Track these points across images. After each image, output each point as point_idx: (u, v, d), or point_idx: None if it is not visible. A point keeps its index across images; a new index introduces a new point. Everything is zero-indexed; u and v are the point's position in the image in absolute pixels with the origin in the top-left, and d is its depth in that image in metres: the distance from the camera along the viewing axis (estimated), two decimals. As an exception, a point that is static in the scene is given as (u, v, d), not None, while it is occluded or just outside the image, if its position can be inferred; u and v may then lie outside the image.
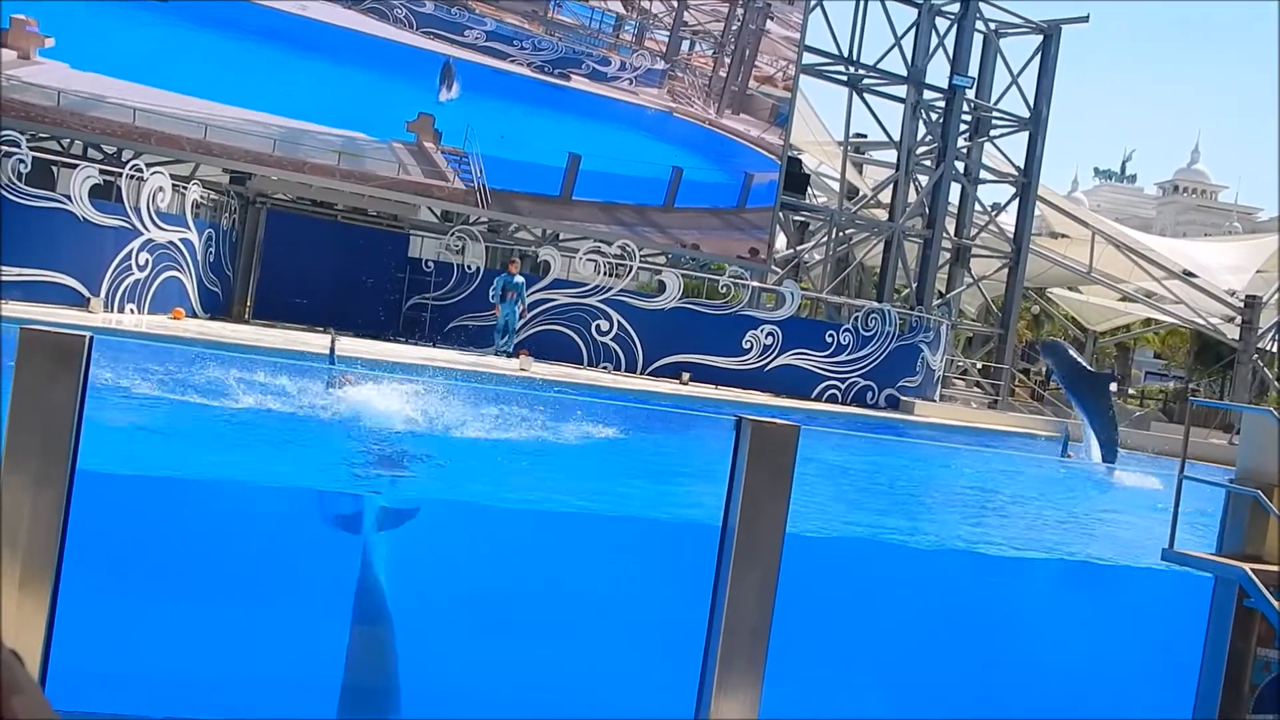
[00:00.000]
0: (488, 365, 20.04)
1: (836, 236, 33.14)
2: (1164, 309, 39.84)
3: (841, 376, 25.74)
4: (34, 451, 3.39)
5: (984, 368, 35.09)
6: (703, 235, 28.04)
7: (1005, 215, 36.13)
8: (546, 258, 24.60)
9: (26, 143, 18.76)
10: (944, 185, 32.66)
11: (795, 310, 25.94)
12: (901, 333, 26.78)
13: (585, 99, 26.61)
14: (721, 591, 3.87)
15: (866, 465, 13.48)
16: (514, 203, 26.05)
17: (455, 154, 25.12)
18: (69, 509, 3.43)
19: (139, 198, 19.36)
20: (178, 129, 22.51)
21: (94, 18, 21.60)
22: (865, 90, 32.52)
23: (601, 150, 26.65)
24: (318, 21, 23.79)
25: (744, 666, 3.84)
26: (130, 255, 19.16)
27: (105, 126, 22.06)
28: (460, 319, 23.98)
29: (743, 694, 3.82)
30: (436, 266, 24.49)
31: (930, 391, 27.93)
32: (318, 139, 23.85)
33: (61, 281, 18.36)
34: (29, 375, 3.39)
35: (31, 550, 3.40)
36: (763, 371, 24.82)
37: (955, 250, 34.05)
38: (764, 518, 3.86)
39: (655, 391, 21.12)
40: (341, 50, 24.08)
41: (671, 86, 27.60)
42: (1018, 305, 35.54)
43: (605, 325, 23.88)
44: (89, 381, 3.44)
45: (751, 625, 3.83)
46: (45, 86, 21.41)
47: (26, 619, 3.35)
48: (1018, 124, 34.17)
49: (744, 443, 3.80)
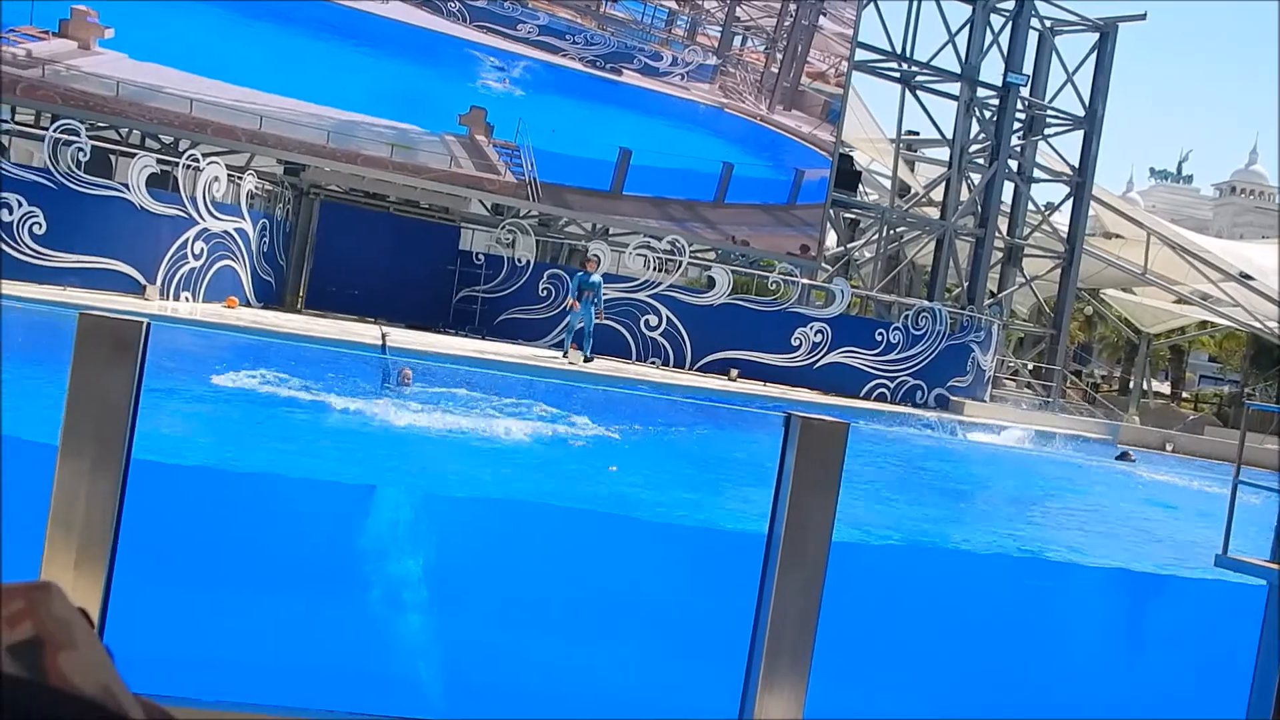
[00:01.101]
0: (535, 359, 20.09)
1: (887, 234, 32.96)
2: (1220, 311, 39.29)
3: (891, 375, 25.61)
4: (90, 437, 3.43)
5: (1035, 368, 34.78)
6: (753, 231, 27.97)
7: (1059, 215, 35.76)
8: (596, 252, 24.63)
9: (86, 132, 19.01)
10: (997, 184, 32.39)
11: (845, 308, 25.82)
12: (952, 332, 26.60)
13: (637, 94, 26.61)
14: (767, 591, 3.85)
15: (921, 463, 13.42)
16: (564, 196, 26.10)
17: (507, 147, 25.21)
18: (124, 495, 3.48)
19: (195, 187, 19.58)
20: (234, 120, 22.74)
21: (153, 9, 21.84)
22: (918, 87, 32.30)
23: (652, 145, 26.65)
24: (372, 15, 23.95)
25: (789, 667, 3.82)
26: (186, 244, 19.38)
27: (163, 116, 22.31)
28: (510, 312, 24.07)
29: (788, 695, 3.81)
30: (487, 259, 24.59)
31: (980, 392, 27.72)
32: (371, 131, 24.01)
33: (118, 269, 18.59)
34: (87, 361, 3.43)
35: (87, 535, 3.44)
36: (811, 369, 24.73)
37: (1008, 249, 33.77)
38: (812, 516, 3.84)
39: (703, 387, 21.09)
40: (395, 43, 24.22)
41: (723, 82, 27.54)
42: (1070, 306, 35.20)
43: (654, 320, 23.88)
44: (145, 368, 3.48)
45: (797, 625, 3.81)
46: (105, 76, 21.68)
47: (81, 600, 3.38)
48: (1072, 122, 33.82)
49: (793, 440, 3.78)
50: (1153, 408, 44.21)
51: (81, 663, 0.60)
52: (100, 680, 0.60)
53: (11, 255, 17.52)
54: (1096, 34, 33.63)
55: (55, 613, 0.62)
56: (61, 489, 3.40)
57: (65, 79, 21.42)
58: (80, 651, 0.60)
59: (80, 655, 0.60)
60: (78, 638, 0.62)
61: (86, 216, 18.19)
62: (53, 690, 0.58)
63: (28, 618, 0.61)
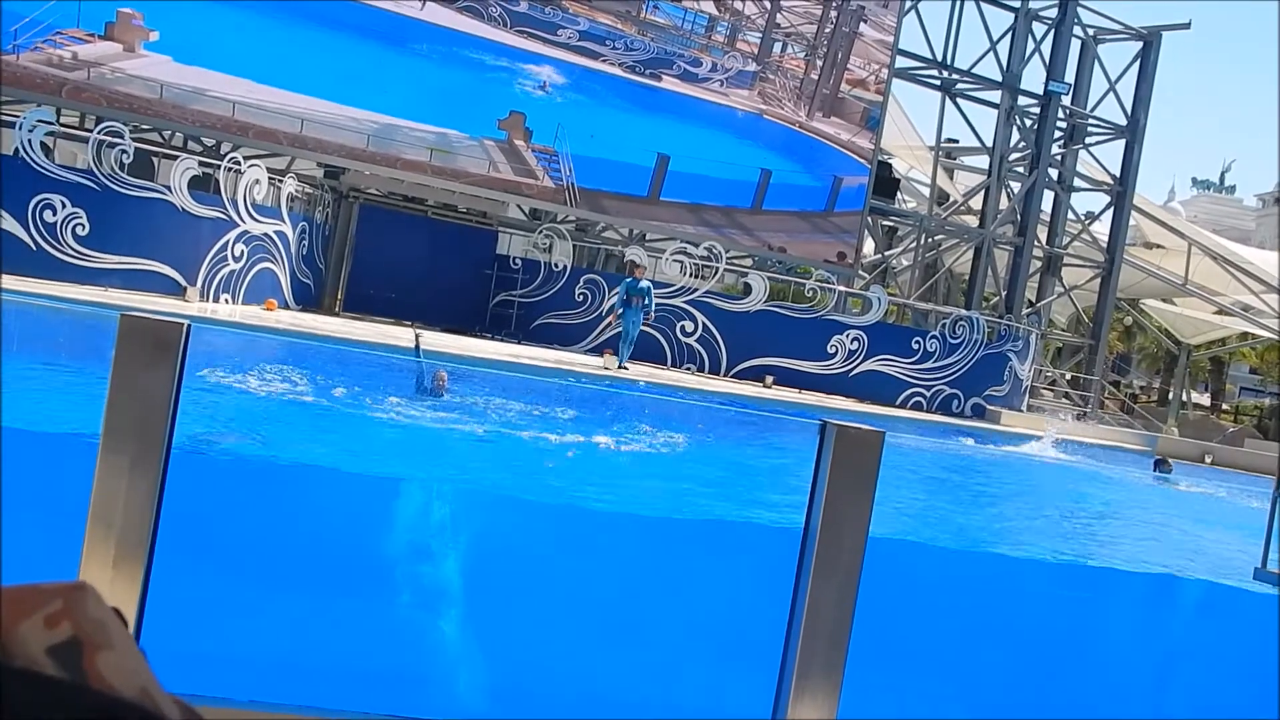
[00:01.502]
0: (570, 363, 20.13)
1: (926, 242, 32.82)
2: (1261, 323, 38.89)
3: (927, 384, 25.49)
4: (130, 436, 3.46)
5: (1073, 379, 34.53)
6: (790, 238, 27.91)
7: (1099, 224, 35.53)
8: (633, 258, 24.65)
9: (129, 134, 19.19)
10: (1037, 192, 32.21)
11: (881, 316, 25.72)
12: (989, 341, 26.45)
13: (676, 100, 26.63)
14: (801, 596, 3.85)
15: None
16: (602, 202, 26.14)
17: (545, 152, 25.27)
18: (163, 493, 3.51)
19: (236, 190, 19.73)
20: (275, 123, 22.91)
21: (198, 12, 22.04)
22: (958, 95, 32.17)
23: (690, 151, 26.65)
24: (413, 19, 24.08)
25: (823, 671, 3.82)
26: (226, 246, 19.53)
27: (205, 119, 22.51)
28: (546, 316, 24.12)
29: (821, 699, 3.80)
30: (524, 264, 24.66)
31: (1017, 401, 27.56)
32: (410, 135, 24.13)
33: (159, 270, 18.76)
34: (128, 362, 3.47)
35: (125, 533, 3.48)
36: (847, 377, 24.65)
37: (1047, 259, 33.56)
38: (846, 523, 3.84)
39: (739, 394, 21.06)
40: (436, 48, 24.35)
41: (762, 88, 27.52)
42: (1110, 316, 34.94)
43: (690, 326, 23.88)
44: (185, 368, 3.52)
45: (831, 630, 3.81)
46: (149, 79, 21.89)
47: (119, 600, 3.43)
48: (1114, 131, 33.60)
49: (828, 447, 3.78)
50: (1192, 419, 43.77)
51: (119, 664, 0.60)
52: (138, 682, 0.61)
53: (54, 256, 17.72)
54: (1140, 43, 33.40)
55: (92, 613, 0.63)
56: (101, 488, 3.44)
57: (110, 81, 21.65)
58: (117, 652, 0.61)
59: (117, 656, 0.61)
60: (115, 639, 0.63)
61: (128, 218, 18.37)
62: (93, 692, 0.58)
63: (66, 618, 0.62)
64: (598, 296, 23.91)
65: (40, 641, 0.61)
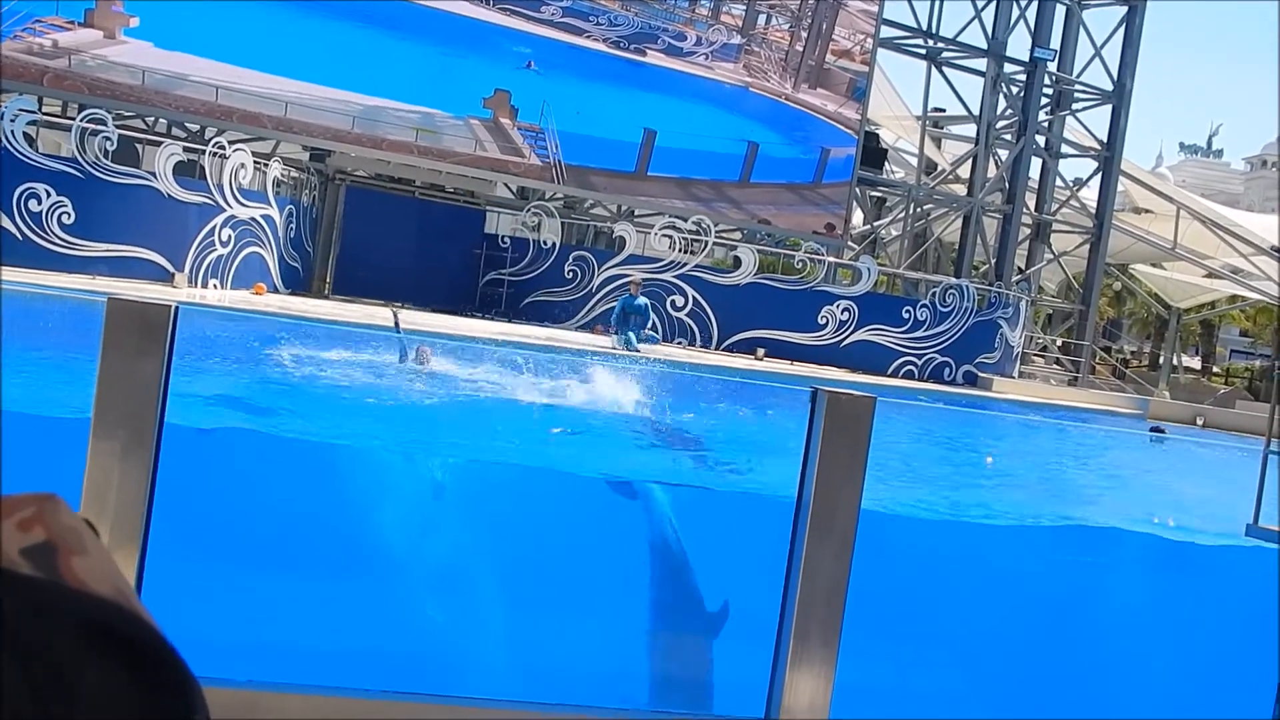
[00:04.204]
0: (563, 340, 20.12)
1: (914, 212, 32.81)
2: (1251, 285, 38.94)
3: (918, 352, 25.53)
4: (121, 421, 3.45)
5: (1064, 345, 34.59)
6: (779, 210, 27.88)
7: (1087, 190, 35.51)
8: (622, 233, 24.61)
9: (112, 121, 19.10)
10: (1024, 160, 32.18)
11: (872, 286, 25.75)
12: (980, 309, 26.48)
13: (661, 74, 26.55)
14: (796, 564, 3.86)
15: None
16: (589, 178, 26.08)
17: (531, 130, 25.20)
18: (156, 476, 3.51)
19: (222, 175, 19.66)
20: (259, 107, 22.81)
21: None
22: (944, 64, 32.10)
23: (677, 125, 26.58)
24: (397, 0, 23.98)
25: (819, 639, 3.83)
26: (213, 231, 19.48)
27: (188, 104, 22.41)
28: (536, 294, 24.11)
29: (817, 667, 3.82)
30: (513, 242, 24.62)
31: (1009, 368, 27.61)
32: (396, 116, 24.04)
33: (147, 257, 18.71)
34: (117, 345, 3.46)
35: (119, 517, 3.47)
36: (838, 347, 24.68)
37: (1035, 226, 33.55)
38: (840, 490, 3.84)
39: (730, 367, 21.07)
40: (419, 27, 24.23)
41: (748, 61, 27.43)
42: (1099, 282, 34.98)
43: (680, 301, 23.87)
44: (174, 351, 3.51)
45: (827, 597, 3.82)
46: (130, 65, 21.77)
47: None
48: (1101, 97, 33.55)
49: (819, 414, 3.78)
50: (1183, 383, 43.91)
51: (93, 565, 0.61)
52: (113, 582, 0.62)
53: (41, 245, 17.65)
54: (1125, 7, 33.32)
55: (64, 520, 0.65)
56: (94, 471, 3.43)
57: (91, 68, 21.53)
58: (90, 556, 0.62)
59: (91, 560, 0.62)
60: (87, 544, 0.63)
61: (114, 205, 18.31)
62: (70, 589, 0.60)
63: (38, 524, 0.64)
64: (587, 273, 23.89)
65: (14, 543, 0.62)
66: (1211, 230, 36.43)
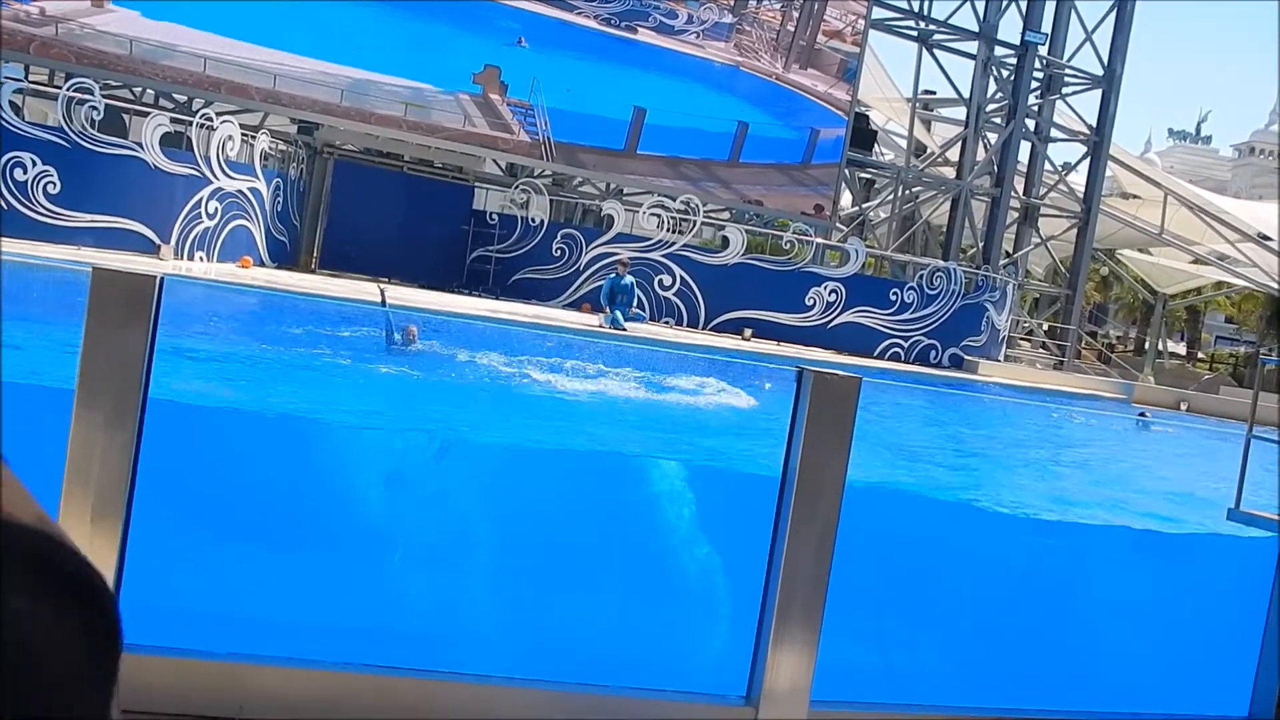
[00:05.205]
0: (550, 318, 20.09)
1: (903, 194, 32.81)
2: (1237, 272, 39.03)
3: (905, 334, 25.56)
4: (106, 391, 3.44)
5: (1050, 329, 34.67)
6: (767, 191, 27.85)
7: (1075, 175, 35.52)
8: (610, 212, 24.56)
9: (99, 91, 18.98)
10: (1013, 143, 32.19)
11: (859, 267, 25.75)
12: (967, 292, 26.51)
13: (651, 52, 26.45)
14: (780, 543, 3.87)
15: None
16: (579, 156, 26.01)
17: (521, 106, 25.11)
18: (139, 447, 3.50)
19: (209, 146, 19.56)
20: (247, 78, 22.68)
21: (166, -33, 21.75)
22: (935, 46, 32.06)
23: (667, 104, 26.51)
24: (386, -28, 23.82)
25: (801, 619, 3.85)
26: (200, 203, 19.38)
27: (176, 75, 22.27)
28: (524, 272, 24.05)
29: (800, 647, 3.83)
30: (501, 219, 24.56)
31: (995, 351, 27.67)
32: (384, 90, 23.93)
33: (133, 228, 18.61)
34: (101, 315, 3.45)
35: (103, 486, 3.47)
36: (825, 328, 24.70)
37: (1024, 209, 33.59)
38: (825, 470, 3.85)
39: (717, 346, 21.07)
40: (409, 2, 24.10)
41: (739, 40, 27.35)
42: (1086, 266, 35.04)
43: (668, 280, 23.85)
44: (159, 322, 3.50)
45: (810, 577, 3.83)
46: (118, 35, 21.63)
47: (98, 553, 3.43)
48: (1091, 82, 33.54)
49: (805, 394, 3.79)
50: (1168, 368, 44.06)
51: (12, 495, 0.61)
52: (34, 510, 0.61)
53: (26, 215, 17.55)
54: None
55: None
56: (77, 442, 3.42)
57: (79, 37, 21.38)
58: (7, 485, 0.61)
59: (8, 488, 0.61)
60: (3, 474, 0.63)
61: (100, 176, 18.20)
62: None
63: None
64: (575, 251, 23.84)
65: None
66: (1198, 216, 36.50)
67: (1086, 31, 33.15)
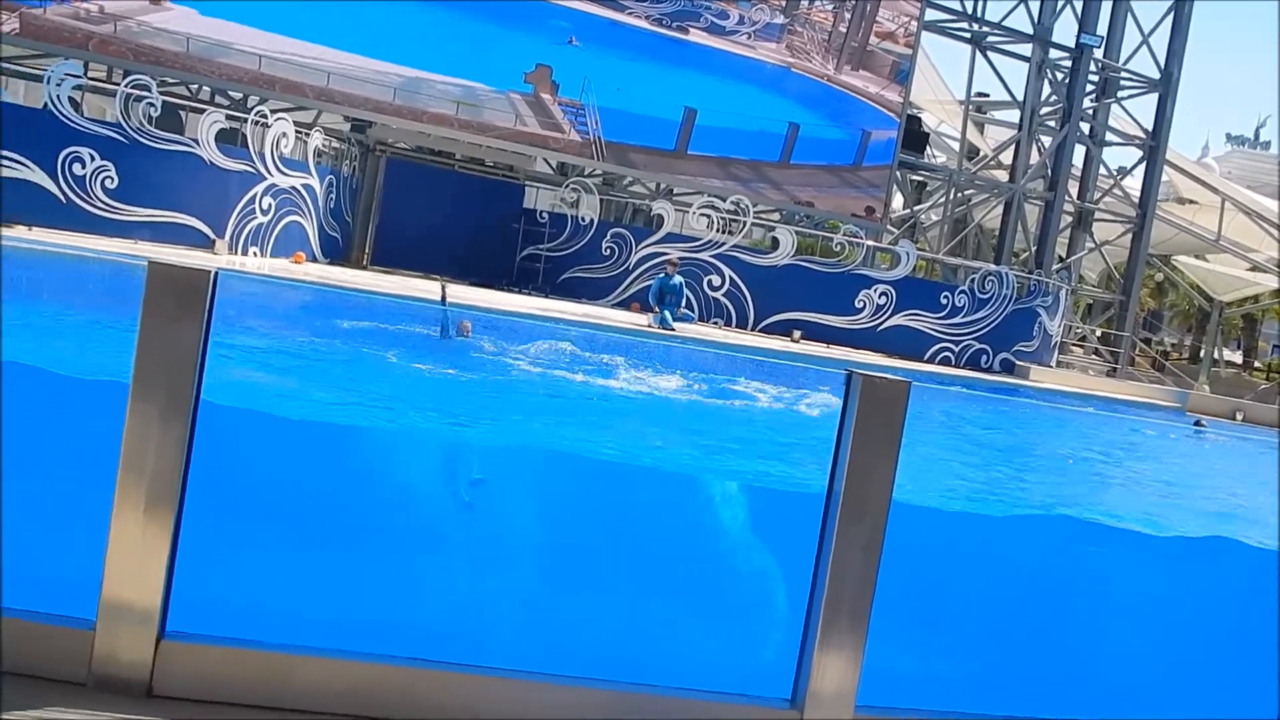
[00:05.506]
0: (599, 316, 20.12)
1: (955, 197, 32.60)
2: (1296, 280, 38.50)
3: (955, 339, 25.39)
4: (160, 383, 3.48)
5: (1104, 335, 34.32)
6: (818, 192, 27.75)
7: (1131, 179, 35.17)
8: (660, 212, 24.56)
9: (156, 87, 19.20)
10: (1068, 147, 31.90)
11: (910, 270, 25.59)
12: (1019, 296, 26.29)
13: (703, 52, 26.43)
14: (826, 548, 3.85)
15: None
16: (629, 156, 26.03)
17: (572, 106, 25.17)
18: (193, 440, 3.53)
19: (263, 143, 19.74)
20: (301, 76, 22.88)
21: (223, -35, 21.99)
22: (989, 48, 31.81)
23: (718, 105, 26.48)
24: (440, -29, 23.95)
25: (848, 624, 3.83)
26: (254, 199, 19.57)
27: (232, 72, 22.50)
28: (573, 270, 24.11)
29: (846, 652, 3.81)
30: (551, 218, 24.63)
31: (1046, 357, 27.42)
32: (437, 88, 24.06)
33: (188, 223, 18.82)
34: (156, 309, 3.48)
35: (156, 480, 3.50)
36: (875, 331, 24.58)
37: (1077, 214, 33.28)
38: (872, 475, 3.83)
39: (766, 348, 21.01)
40: (461, 1, 24.21)
41: (790, 41, 27.28)
42: (1141, 272, 34.66)
43: (717, 280, 23.82)
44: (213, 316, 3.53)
45: (857, 581, 3.81)
46: (175, 32, 21.88)
47: (151, 543, 3.47)
48: (1147, 85, 33.18)
49: (853, 397, 3.77)
50: (1223, 376, 43.50)
51: None
52: None
53: (84, 209, 17.79)
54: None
55: None
56: (132, 434, 3.46)
57: (136, 35, 21.65)
58: None
59: None
60: None
61: (157, 171, 18.42)
62: None
63: None
64: (624, 251, 23.87)
65: None
66: (1257, 223, 36.01)
67: (1143, 34, 32.81)
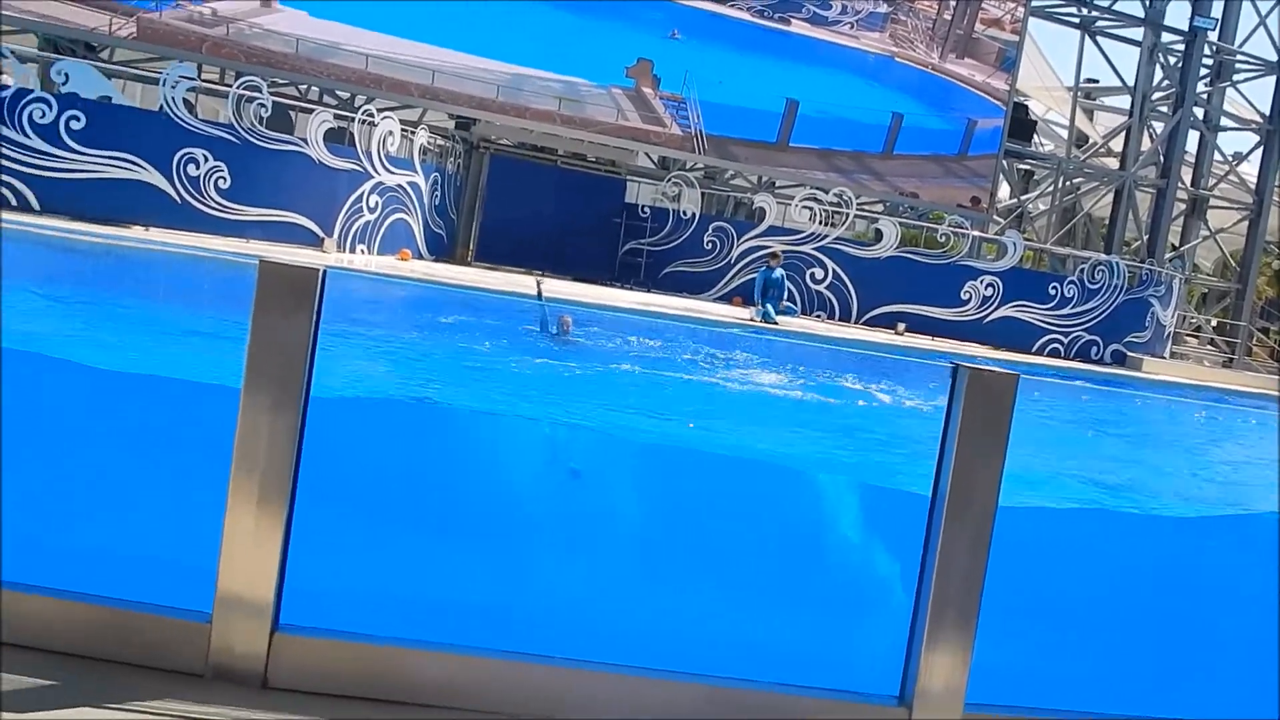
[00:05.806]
0: (702, 311, 20.11)
1: (1063, 186, 31.98)
2: None
3: (1065, 330, 24.92)
4: (271, 379, 3.55)
5: (1219, 325, 33.44)
6: (922, 183, 27.43)
7: (1247, 165, 34.19)
8: (762, 205, 24.45)
9: (267, 88, 19.59)
10: (1181, 133, 31.11)
11: (1017, 261, 25.17)
12: (1130, 286, 25.71)
13: (805, 43, 26.26)
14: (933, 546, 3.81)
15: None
16: (730, 149, 25.97)
17: (673, 100, 25.17)
18: (303, 434, 3.60)
19: (370, 142, 20.05)
20: (407, 75, 23.19)
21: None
22: (1098, 32, 31.14)
23: (820, 95, 26.29)
24: (541, -32, 24.12)
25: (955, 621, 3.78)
26: (361, 197, 19.88)
27: (339, 73, 22.89)
28: (675, 265, 24.11)
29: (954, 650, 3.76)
30: (653, 212, 24.66)
31: (1159, 348, 26.80)
32: (539, 85, 24.22)
33: (297, 222, 19.18)
34: (267, 307, 3.55)
35: (268, 474, 3.57)
36: (981, 323, 24.22)
37: (1191, 201, 32.45)
38: (979, 470, 3.77)
39: (870, 341, 20.83)
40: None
41: (894, 30, 26.98)
42: (1258, 260, 33.68)
43: (820, 273, 23.66)
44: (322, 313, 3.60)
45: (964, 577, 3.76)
46: (284, 34, 22.32)
47: (264, 537, 3.54)
48: (1264, 68, 32.21)
49: (960, 391, 3.71)
50: (1346, 367, 42.10)
51: None
52: None
53: (197, 209, 18.22)
54: (1293, -27, 31.94)
55: None
56: (244, 430, 3.54)
57: (248, 37, 22.13)
58: None
59: None
60: None
61: (268, 171, 18.80)
62: None
63: None
64: (726, 244, 23.82)
65: None
66: (1381, 208, 34.81)
67: (1260, 15, 31.86)
